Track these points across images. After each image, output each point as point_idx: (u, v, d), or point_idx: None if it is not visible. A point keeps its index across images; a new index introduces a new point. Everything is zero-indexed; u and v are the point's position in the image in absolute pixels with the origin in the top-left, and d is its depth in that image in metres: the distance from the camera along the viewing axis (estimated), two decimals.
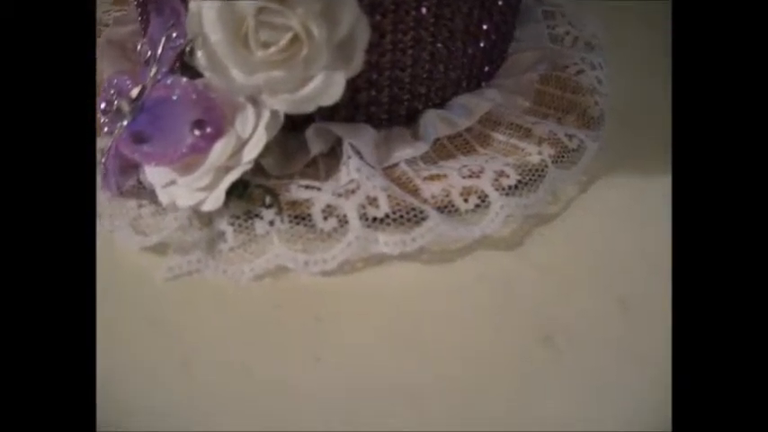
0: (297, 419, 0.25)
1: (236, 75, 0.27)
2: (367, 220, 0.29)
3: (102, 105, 0.31)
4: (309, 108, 0.28)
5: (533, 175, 0.31)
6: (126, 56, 0.36)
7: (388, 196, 0.29)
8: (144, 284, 0.29)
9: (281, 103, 0.28)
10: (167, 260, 0.29)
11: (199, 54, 0.27)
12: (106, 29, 0.39)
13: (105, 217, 0.30)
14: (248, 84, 0.28)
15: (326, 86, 0.28)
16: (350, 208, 0.29)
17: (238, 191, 0.29)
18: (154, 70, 0.30)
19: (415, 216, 0.29)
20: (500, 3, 0.33)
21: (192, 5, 0.27)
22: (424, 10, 0.30)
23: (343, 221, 0.29)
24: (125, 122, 0.29)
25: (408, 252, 0.29)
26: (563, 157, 0.32)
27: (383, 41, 0.30)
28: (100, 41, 0.37)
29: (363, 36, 0.28)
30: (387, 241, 0.28)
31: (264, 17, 0.27)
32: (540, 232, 0.31)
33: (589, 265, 0.30)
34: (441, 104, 0.34)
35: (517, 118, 0.34)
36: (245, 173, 0.29)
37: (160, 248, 0.29)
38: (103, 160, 0.30)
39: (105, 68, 0.35)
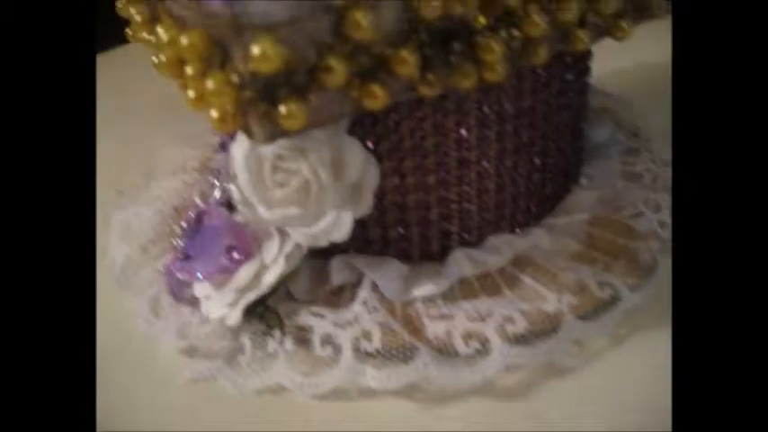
0: None
1: (261, 209, 0.31)
2: (359, 351, 0.30)
3: (183, 224, 0.37)
4: (323, 242, 0.31)
5: (547, 324, 0.30)
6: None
7: (386, 332, 0.30)
8: (169, 382, 0.32)
9: (300, 236, 0.31)
10: (194, 362, 0.33)
11: (234, 191, 0.32)
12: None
13: (162, 318, 0.35)
14: (270, 218, 0.31)
15: (336, 224, 0.30)
16: (345, 339, 0.30)
17: (259, 310, 0.32)
18: (213, 199, 0.35)
19: (406, 354, 0.29)
20: (540, 147, 0.34)
21: (231, 148, 0.32)
22: (443, 154, 0.31)
23: (338, 350, 0.30)
24: (180, 242, 0.34)
25: (400, 389, 0.29)
26: (589, 307, 0.31)
27: (405, 183, 0.32)
28: (205, 168, 0.43)
29: (372, 180, 0.30)
30: (374, 375, 0.29)
31: (280, 162, 0.30)
32: (551, 386, 0.30)
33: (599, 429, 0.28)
34: (477, 243, 0.34)
35: (549, 262, 0.33)
36: (274, 296, 0.33)
37: (191, 352, 0.33)
38: (164, 271, 0.35)
39: (196, 191, 0.40)
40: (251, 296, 0.32)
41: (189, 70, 0.26)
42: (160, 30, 0.28)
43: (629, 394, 0.29)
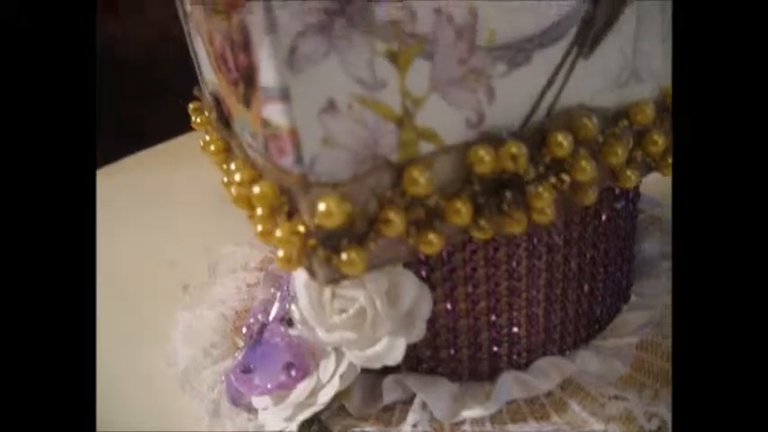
0: None
1: (319, 332, 0.33)
2: None
3: (244, 329, 0.39)
4: (377, 365, 0.32)
5: None
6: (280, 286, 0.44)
7: None
8: None
9: (354, 358, 0.33)
10: None
11: (294, 311, 0.33)
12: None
13: (220, 421, 0.37)
14: (328, 340, 0.33)
15: (390, 349, 0.32)
16: None
17: (314, 427, 0.34)
18: (271, 315, 0.36)
19: None
20: (589, 273, 0.35)
21: (294, 274, 0.33)
22: (494, 284, 0.33)
23: None
24: (238, 354, 0.36)
25: None
26: None
27: (457, 309, 0.33)
28: (270, 268, 0.45)
29: (425, 309, 0.32)
30: None
31: (339, 290, 0.32)
32: None
33: None
34: (527, 365, 0.35)
35: (597, 388, 0.33)
36: (328, 411, 0.34)
37: None
38: (223, 379, 0.37)
39: (260, 295, 0.43)
40: (307, 413, 0.33)
41: (259, 211, 0.28)
42: (234, 166, 0.31)
43: None
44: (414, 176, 0.26)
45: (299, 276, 0.32)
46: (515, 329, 0.34)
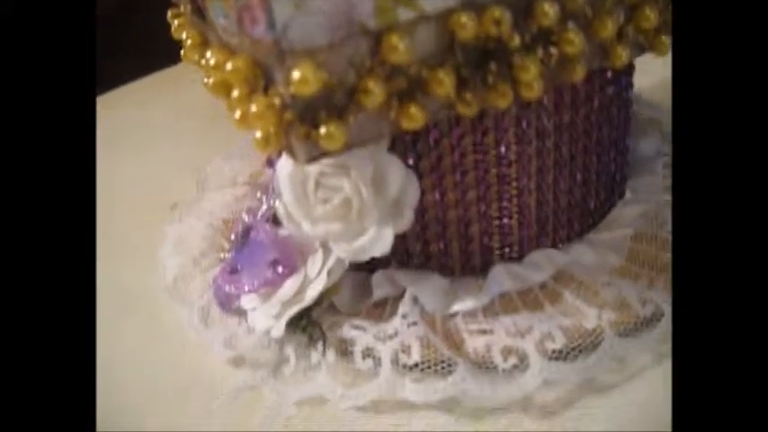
0: None
1: (305, 225, 0.32)
2: (398, 365, 0.31)
3: (233, 236, 0.38)
4: (364, 257, 0.32)
5: (586, 340, 0.30)
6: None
7: (425, 346, 0.31)
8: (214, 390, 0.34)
9: (342, 251, 0.32)
10: (240, 372, 0.34)
11: (279, 208, 0.33)
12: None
13: (211, 328, 0.36)
14: (314, 233, 0.32)
15: (377, 239, 0.31)
16: (384, 352, 0.31)
17: (302, 323, 0.33)
18: (260, 214, 0.36)
19: (444, 368, 0.30)
20: (581, 162, 0.34)
21: (277, 167, 0.33)
22: (482, 171, 0.32)
23: (378, 363, 0.31)
24: (227, 255, 0.35)
25: (438, 403, 0.30)
26: (630, 323, 0.31)
27: (446, 200, 0.32)
28: (260, 181, 0.45)
29: (412, 196, 0.31)
30: (412, 388, 0.30)
31: (323, 179, 0.31)
32: (588, 403, 0.30)
33: None
34: (519, 258, 0.34)
35: (591, 278, 0.33)
36: (318, 308, 0.34)
37: (237, 361, 0.34)
38: (212, 283, 0.36)
39: (248, 205, 0.42)
40: (294, 309, 0.33)
41: (235, 93, 0.27)
42: (209, 53, 0.30)
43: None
44: (393, 43, 0.25)
45: (283, 169, 0.32)
46: (506, 220, 0.33)
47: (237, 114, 0.28)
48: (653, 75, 0.42)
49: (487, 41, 0.26)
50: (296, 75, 0.24)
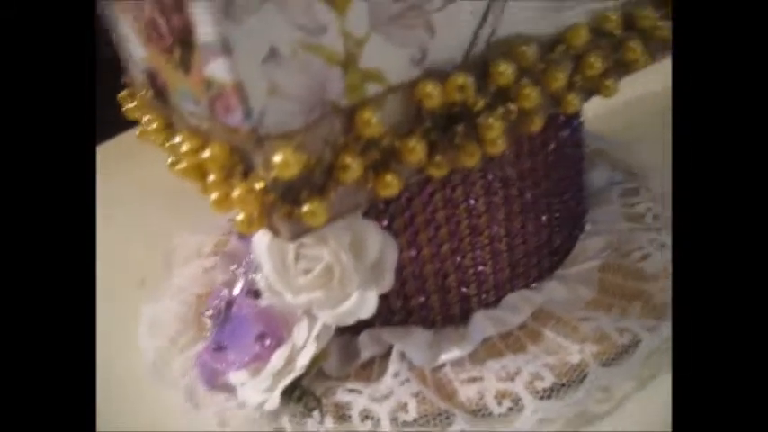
0: None
1: (287, 296, 0.32)
2: (397, 423, 0.31)
3: (209, 312, 0.38)
4: (350, 321, 0.32)
5: (573, 375, 0.31)
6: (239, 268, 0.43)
7: (419, 401, 0.31)
8: None
9: (328, 317, 0.33)
10: None
11: (258, 278, 0.33)
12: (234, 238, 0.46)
13: (198, 407, 0.36)
14: (297, 302, 0.32)
15: (361, 303, 0.32)
16: (383, 412, 0.31)
17: (297, 393, 0.33)
18: (237, 290, 0.36)
19: (442, 420, 0.31)
20: (545, 204, 0.35)
21: (254, 239, 0.33)
22: (454, 224, 0.33)
23: (377, 424, 0.31)
24: (210, 333, 0.35)
25: None
26: (611, 354, 0.32)
27: (421, 255, 0.33)
28: (225, 251, 0.45)
29: (391, 257, 0.32)
30: None
31: (302, 250, 0.31)
32: None
33: None
34: (496, 302, 0.36)
35: (568, 313, 0.34)
36: (308, 376, 0.34)
37: None
38: (196, 362, 0.36)
39: (219, 277, 0.42)
40: (287, 380, 0.33)
41: (211, 177, 0.28)
42: (179, 138, 0.30)
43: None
44: (366, 118, 0.26)
45: (261, 243, 0.32)
46: (481, 268, 0.34)
47: (214, 197, 0.29)
48: (593, 106, 0.45)
49: (452, 106, 0.28)
50: (277, 159, 0.25)
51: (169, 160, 0.35)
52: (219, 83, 0.25)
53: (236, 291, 0.36)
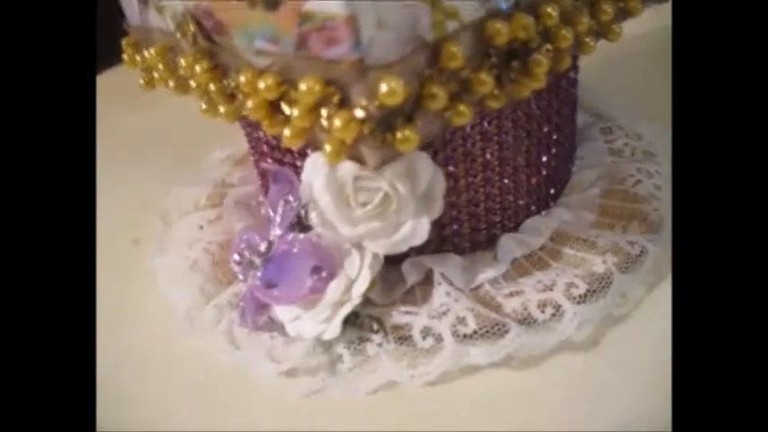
0: None
1: (343, 229, 0.34)
2: (458, 336, 0.34)
3: (236, 257, 0.39)
4: (403, 248, 0.35)
5: (600, 283, 0.36)
6: (251, 213, 0.44)
7: (475, 314, 0.35)
8: (277, 403, 0.35)
9: (380, 247, 0.35)
10: (298, 381, 0.35)
11: (312, 215, 0.34)
12: (232, 189, 0.47)
13: (244, 348, 0.37)
14: (353, 235, 0.34)
15: (415, 230, 0.34)
16: (444, 328, 0.34)
17: (351, 320, 0.36)
18: (276, 229, 0.37)
19: (499, 329, 0.34)
20: (555, 137, 0.39)
21: (303, 177, 0.34)
22: (488, 155, 0.36)
23: (439, 339, 0.34)
24: (257, 273, 0.36)
25: (497, 361, 0.34)
26: (627, 263, 0.37)
27: (458, 185, 0.36)
28: (227, 201, 0.45)
29: (440, 186, 0.35)
30: (477, 353, 0.34)
31: (360, 183, 0.33)
32: (613, 334, 0.36)
33: (664, 360, 0.34)
34: (515, 228, 0.39)
35: (583, 232, 0.39)
36: (356, 305, 0.36)
37: (291, 372, 0.36)
38: (241, 303, 0.37)
39: (235, 224, 0.43)
40: (346, 309, 0.35)
41: (294, 112, 0.29)
42: (244, 80, 0.31)
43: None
44: (452, 51, 0.28)
45: (316, 178, 0.34)
46: (507, 196, 0.38)
47: (288, 132, 0.30)
48: None
49: (512, 43, 0.31)
50: (384, 87, 0.27)
51: (203, 105, 0.35)
52: (324, 17, 0.27)
53: (278, 231, 0.37)
